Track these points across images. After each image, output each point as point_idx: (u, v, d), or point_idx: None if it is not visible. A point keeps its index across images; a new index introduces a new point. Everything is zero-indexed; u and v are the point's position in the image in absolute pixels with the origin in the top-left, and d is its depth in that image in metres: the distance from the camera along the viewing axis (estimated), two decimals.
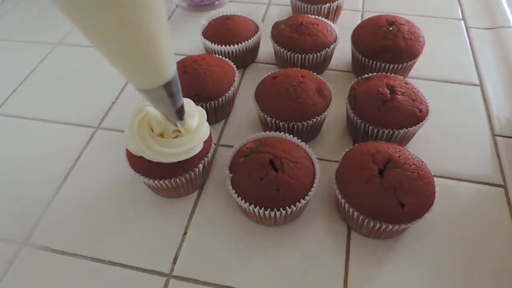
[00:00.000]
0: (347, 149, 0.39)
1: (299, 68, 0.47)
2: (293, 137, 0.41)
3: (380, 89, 0.42)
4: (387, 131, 0.41)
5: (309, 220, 0.40)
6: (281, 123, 0.43)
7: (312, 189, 0.37)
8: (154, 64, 0.25)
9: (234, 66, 0.50)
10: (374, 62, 0.50)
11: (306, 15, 0.55)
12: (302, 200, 0.36)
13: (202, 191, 0.43)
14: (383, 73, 0.48)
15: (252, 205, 0.36)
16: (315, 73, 0.47)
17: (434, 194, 0.35)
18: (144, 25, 0.22)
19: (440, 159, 0.44)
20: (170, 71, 0.27)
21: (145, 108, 0.36)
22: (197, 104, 0.40)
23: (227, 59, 0.51)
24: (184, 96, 0.39)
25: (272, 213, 0.36)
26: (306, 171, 0.37)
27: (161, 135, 0.36)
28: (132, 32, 0.22)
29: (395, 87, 0.42)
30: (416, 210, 0.34)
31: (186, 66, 0.47)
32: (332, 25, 0.55)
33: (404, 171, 0.35)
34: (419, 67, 0.54)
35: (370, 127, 0.42)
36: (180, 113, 0.32)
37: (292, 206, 0.36)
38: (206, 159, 0.40)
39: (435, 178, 0.36)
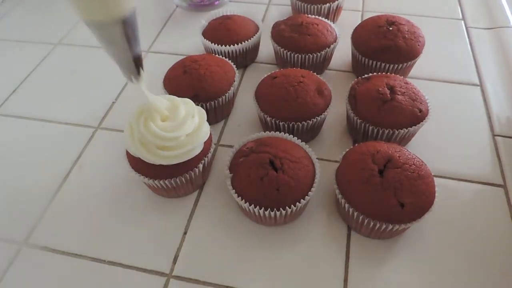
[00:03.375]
0: (347, 149, 0.39)
1: (299, 68, 0.47)
2: (293, 137, 0.41)
3: (380, 89, 0.42)
4: (387, 131, 0.41)
5: (309, 220, 0.40)
6: (281, 123, 0.43)
7: (312, 189, 0.37)
8: None
9: (234, 66, 0.50)
10: (374, 62, 0.50)
11: (306, 15, 0.55)
12: (302, 200, 0.36)
13: (202, 191, 0.43)
14: (383, 73, 0.48)
15: (252, 205, 0.36)
16: (315, 73, 0.47)
17: (434, 194, 0.35)
18: None
19: (440, 159, 0.44)
20: (128, 6, 0.26)
21: (144, 109, 0.36)
22: (197, 104, 0.40)
23: (227, 59, 0.51)
24: (184, 96, 0.39)
25: (272, 213, 0.36)
26: (306, 171, 0.37)
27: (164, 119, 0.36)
28: None
29: (395, 87, 0.42)
30: (416, 210, 0.34)
31: (186, 66, 0.47)
32: (332, 25, 0.54)
33: (404, 171, 0.35)
34: (419, 67, 0.54)
35: (370, 127, 0.42)
36: (136, 65, 0.31)
37: (292, 206, 0.36)
38: (206, 159, 0.40)
39: (435, 178, 0.36)
